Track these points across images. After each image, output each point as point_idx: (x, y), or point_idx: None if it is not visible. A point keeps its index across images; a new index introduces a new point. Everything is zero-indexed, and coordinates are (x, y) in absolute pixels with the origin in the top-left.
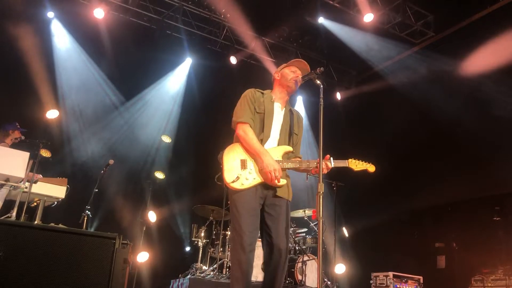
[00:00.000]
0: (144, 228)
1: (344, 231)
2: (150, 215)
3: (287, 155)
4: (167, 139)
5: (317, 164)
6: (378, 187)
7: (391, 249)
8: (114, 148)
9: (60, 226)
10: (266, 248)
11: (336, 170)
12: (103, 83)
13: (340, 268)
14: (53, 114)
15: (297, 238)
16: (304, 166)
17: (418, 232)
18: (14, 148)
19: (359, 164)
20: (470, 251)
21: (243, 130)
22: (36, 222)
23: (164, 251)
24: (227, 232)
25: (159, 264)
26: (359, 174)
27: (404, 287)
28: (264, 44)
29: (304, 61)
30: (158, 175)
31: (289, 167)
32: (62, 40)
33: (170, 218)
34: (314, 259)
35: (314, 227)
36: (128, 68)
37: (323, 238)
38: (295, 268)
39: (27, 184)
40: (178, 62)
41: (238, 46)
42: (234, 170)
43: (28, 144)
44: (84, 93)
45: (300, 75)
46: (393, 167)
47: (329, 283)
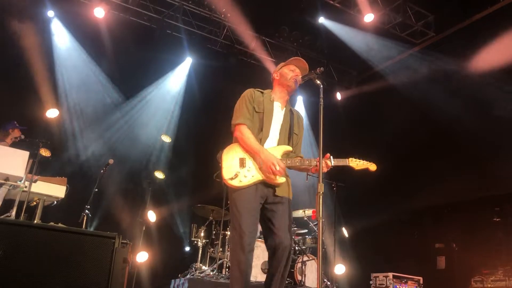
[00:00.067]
0: (143, 228)
1: (343, 231)
2: (150, 215)
3: (287, 154)
4: (167, 139)
5: (317, 163)
6: (378, 187)
7: (391, 249)
8: (114, 147)
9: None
10: (269, 245)
11: (336, 170)
12: (103, 82)
13: (339, 269)
14: (53, 113)
15: (296, 239)
16: (304, 165)
17: (418, 232)
18: (14, 147)
19: (359, 163)
20: (470, 252)
21: (240, 131)
22: (35, 222)
23: (163, 251)
24: (226, 232)
25: (159, 264)
26: (359, 174)
27: (403, 287)
28: (264, 44)
29: (303, 59)
30: (158, 175)
31: (288, 166)
32: (62, 39)
33: (169, 218)
34: (313, 259)
35: (313, 227)
36: (128, 68)
37: (322, 238)
38: (295, 269)
39: (26, 183)
40: (178, 62)
41: (238, 46)
42: (233, 168)
43: (28, 143)
44: (84, 92)
45: (300, 74)
46: (393, 167)
47: (328, 283)
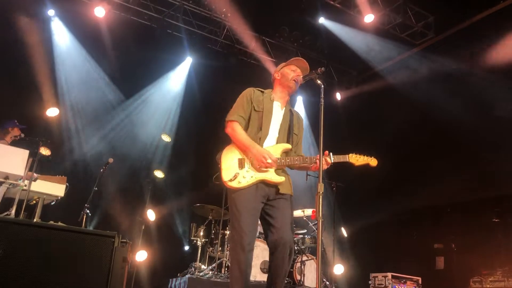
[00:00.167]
0: (143, 227)
1: (343, 231)
2: (149, 214)
3: (287, 153)
4: (166, 138)
5: (316, 160)
6: (378, 187)
7: (390, 249)
8: (114, 146)
9: (59, 224)
10: (270, 241)
11: (336, 170)
12: (103, 82)
13: (338, 269)
14: (53, 112)
15: (296, 238)
16: (304, 162)
17: (417, 232)
18: (14, 146)
19: (360, 159)
20: (469, 252)
21: (231, 127)
22: (35, 220)
23: (163, 250)
24: (226, 231)
25: (158, 263)
26: (359, 174)
27: (402, 287)
28: (264, 44)
29: (304, 59)
30: (157, 174)
31: (288, 164)
32: (62, 38)
33: (169, 217)
34: (312, 259)
35: (313, 227)
36: (128, 67)
37: (322, 238)
38: (294, 268)
39: (26, 182)
40: (179, 61)
41: (238, 46)
42: (232, 169)
43: (28, 142)
44: (85, 91)
45: (301, 74)
46: (393, 167)
47: (327, 283)
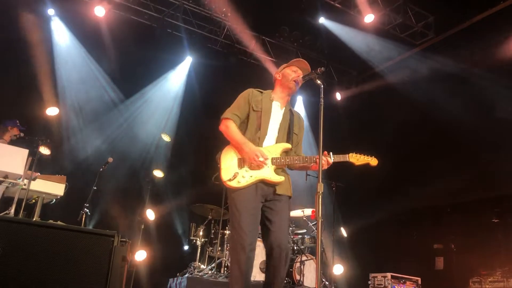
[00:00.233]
0: (142, 226)
1: (342, 231)
2: (149, 213)
3: (286, 152)
4: (166, 138)
5: (316, 160)
6: (377, 187)
7: (390, 249)
8: (114, 146)
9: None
10: (267, 244)
11: (336, 170)
12: (103, 81)
13: (338, 269)
14: (53, 111)
15: (295, 238)
16: (304, 162)
17: (417, 233)
18: (13, 145)
19: (360, 158)
20: (469, 252)
21: (225, 125)
22: (34, 219)
23: (162, 250)
24: (225, 231)
25: (157, 263)
26: (358, 173)
27: None
28: (264, 44)
29: (305, 60)
30: (157, 174)
31: (288, 163)
32: (62, 38)
33: (168, 217)
34: (312, 259)
35: (312, 227)
36: (128, 66)
37: (321, 238)
38: (293, 268)
39: (25, 181)
40: (179, 61)
41: (238, 45)
42: (231, 169)
43: (28, 141)
44: (84, 90)
45: (301, 75)
46: (393, 167)
47: (327, 283)
